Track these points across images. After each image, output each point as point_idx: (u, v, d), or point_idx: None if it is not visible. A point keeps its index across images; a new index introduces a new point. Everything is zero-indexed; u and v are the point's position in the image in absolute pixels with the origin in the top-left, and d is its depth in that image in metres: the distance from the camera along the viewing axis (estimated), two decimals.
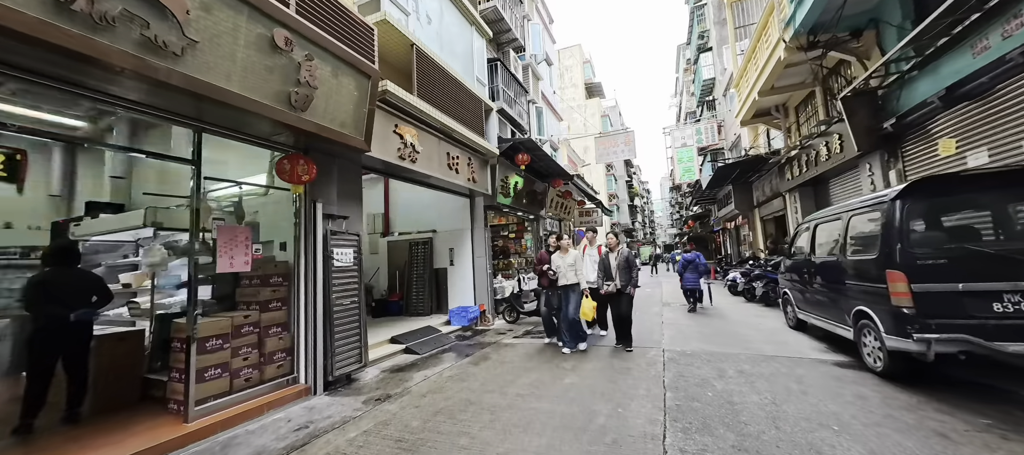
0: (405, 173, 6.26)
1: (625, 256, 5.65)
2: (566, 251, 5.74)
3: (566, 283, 5.60)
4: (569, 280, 5.59)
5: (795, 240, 6.35)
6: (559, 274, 5.63)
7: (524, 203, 11.24)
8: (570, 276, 5.59)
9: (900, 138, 6.43)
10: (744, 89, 11.33)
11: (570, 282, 5.58)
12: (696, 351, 5.31)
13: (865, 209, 4.29)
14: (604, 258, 5.79)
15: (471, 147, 7.85)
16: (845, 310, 4.56)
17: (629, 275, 5.55)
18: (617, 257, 5.67)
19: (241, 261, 3.91)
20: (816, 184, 10.18)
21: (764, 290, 9.21)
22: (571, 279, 5.59)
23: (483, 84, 9.01)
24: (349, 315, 4.81)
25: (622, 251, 5.68)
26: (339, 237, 4.80)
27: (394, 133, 5.67)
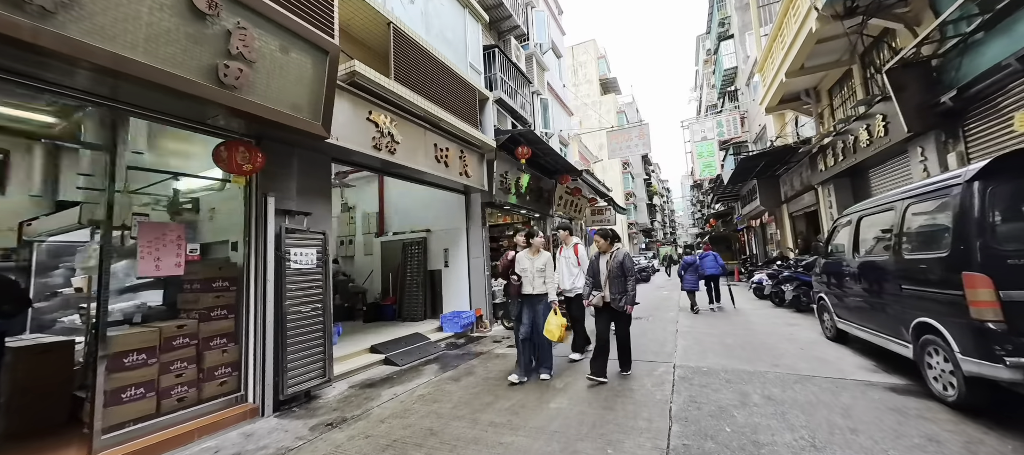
0: (382, 166, 5.69)
1: (619, 261, 4.21)
2: (537, 251, 4.57)
3: (532, 292, 4.46)
4: (536, 288, 4.45)
5: (833, 236, 5.44)
6: (523, 280, 4.47)
7: (529, 201, 10.56)
8: (538, 284, 4.45)
9: (961, 115, 5.42)
10: (769, 72, 10.30)
11: (537, 291, 4.46)
12: (714, 368, 4.50)
13: (928, 195, 3.41)
14: (594, 261, 4.46)
15: (463, 139, 7.23)
16: (901, 322, 3.68)
17: (624, 286, 4.12)
18: (609, 262, 4.29)
19: (170, 263, 3.39)
20: (853, 175, 9.07)
21: (795, 294, 8.22)
22: (539, 287, 4.45)
23: (478, 72, 8.38)
24: (310, 324, 4.25)
25: (616, 255, 4.26)
26: (298, 236, 4.25)
27: (368, 121, 5.10)
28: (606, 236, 4.47)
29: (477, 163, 7.84)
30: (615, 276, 4.20)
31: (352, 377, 4.96)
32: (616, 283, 4.18)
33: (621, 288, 4.14)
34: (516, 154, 8.67)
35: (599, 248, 4.48)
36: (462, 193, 8.18)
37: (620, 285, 4.16)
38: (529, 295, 4.49)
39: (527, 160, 9.44)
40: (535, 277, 4.48)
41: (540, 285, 4.47)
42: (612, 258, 4.29)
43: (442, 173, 6.68)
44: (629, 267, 4.21)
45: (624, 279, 4.17)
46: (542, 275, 4.49)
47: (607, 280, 4.23)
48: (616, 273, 4.20)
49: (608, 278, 4.23)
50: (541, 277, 4.49)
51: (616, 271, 4.20)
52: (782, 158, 11.88)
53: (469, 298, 7.94)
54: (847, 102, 8.98)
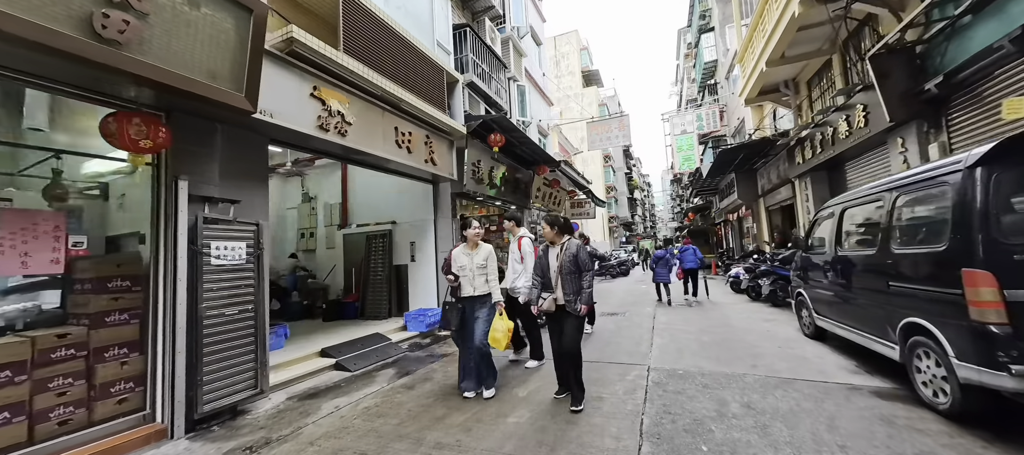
0: (333, 150, 5.10)
1: (572, 254, 3.41)
2: (475, 245, 3.86)
3: (473, 293, 3.76)
4: (477, 289, 3.76)
5: (813, 230, 5.19)
6: (462, 280, 3.77)
7: (505, 192, 10.09)
8: (479, 283, 3.78)
9: (944, 104, 5.23)
10: (749, 62, 10.09)
11: (479, 292, 3.77)
12: (690, 371, 4.18)
13: (922, 184, 3.12)
14: (541, 256, 3.61)
15: (430, 123, 6.68)
16: (888, 321, 3.41)
17: (578, 284, 3.35)
18: (561, 255, 3.46)
19: (45, 259, 2.78)
20: (830, 168, 8.98)
21: (772, 289, 8.07)
22: (481, 287, 3.78)
23: (447, 52, 7.82)
24: (236, 329, 3.69)
25: (568, 247, 3.45)
26: (221, 227, 3.67)
27: (313, 97, 4.51)
28: (554, 224, 3.58)
29: (446, 150, 7.30)
30: (568, 272, 3.38)
31: (294, 386, 4.42)
32: (569, 280, 3.38)
33: (575, 286, 3.37)
34: (489, 142, 8.17)
35: (547, 239, 3.63)
36: (430, 183, 7.63)
37: (574, 283, 3.37)
38: (469, 297, 3.79)
39: (500, 148, 8.97)
40: (475, 275, 3.79)
41: (482, 285, 3.79)
42: (564, 251, 3.45)
43: (404, 160, 6.12)
44: (585, 261, 3.40)
45: (579, 275, 3.38)
46: (483, 272, 3.80)
47: (558, 278, 3.43)
48: (569, 268, 3.39)
49: (559, 275, 3.42)
50: (482, 275, 3.80)
51: (569, 266, 3.39)
52: (760, 151, 11.78)
53: (437, 295, 7.44)
54: (826, 93, 8.84)
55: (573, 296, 3.35)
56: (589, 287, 3.37)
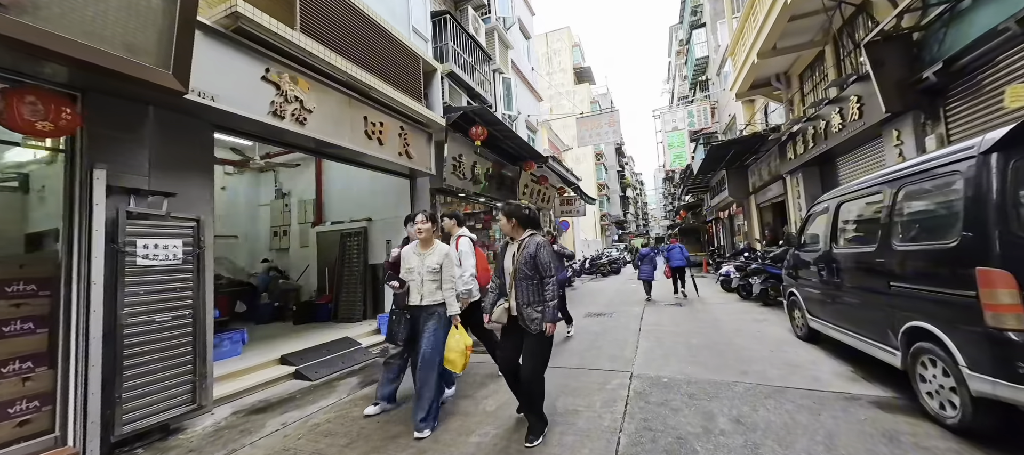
0: (289, 139, 4.69)
1: (531, 253, 2.72)
2: (429, 244, 3.20)
3: (420, 302, 3.13)
4: (426, 297, 3.11)
5: (806, 226, 4.91)
6: (410, 285, 3.16)
7: (490, 189, 9.73)
8: (430, 290, 3.12)
9: (942, 93, 4.98)
10: (740, 55, 9.84)
11: (429, 301, 3.12)
12: (675, 378, 3.86)
13: (929, 173, 2.82)
14: (499, 254, 3.01)
15: (404, 114, 6.28)
16: (888, 325, 3.11)
17: (539, 292, 2.69)
18: (519, 254, 2.77)
19: None
20: (822, 163, 8.75)
21: (763, 288, 7.82)
22: (431, 296, 3.11)
23: (425, 39, 7.43)
24: (169, 337, 3.29)
25: (527, 245, 2.77)
26: (152, 223, 3.26)
27: (265, 81, 4.10)
28: (512, 215, 2.87)
29: (423, 143, 6.91)
30: (524, 276, 2.69)
31: (245, 399, 4.03)
32: (525, 287, 2.68)
33: (534, 296, 2.67)
34: (470, 135, 7.79)
35: (504, 233, 2.95)
36: (407, 177, 7.23)
37: (532, 290, 2.68)
38: (417, 307, 3.13)
39: (484, 143, 8.61)
40: (425, 281, 3.12)
41: (432, 292, 3.12)
42: (522, 249, 2.76)
43: (376, 152, 5.73)
44: (545, 264, 2.68)
45: (540, 282, 2.68)
46: (436, 277, 3.13)
47: (514, 280, 2.75)
48: (525, 272, 2.69)
49: (513, 279, 2.74)
50: (434, 280, 3.13)
51: (525, 268, 2.69)
52: (751, 147, 11.55)
53: None
54: (819, 86, 8.60)
55: (529, 307, 2.68)
56: (554, 298, 2.66)
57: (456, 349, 2.97)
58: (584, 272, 18.82)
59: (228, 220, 8.69)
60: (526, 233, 2.87)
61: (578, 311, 8.40)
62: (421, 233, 3.20)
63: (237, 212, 8.88)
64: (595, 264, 19.52)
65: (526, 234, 2.87)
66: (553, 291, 2.69)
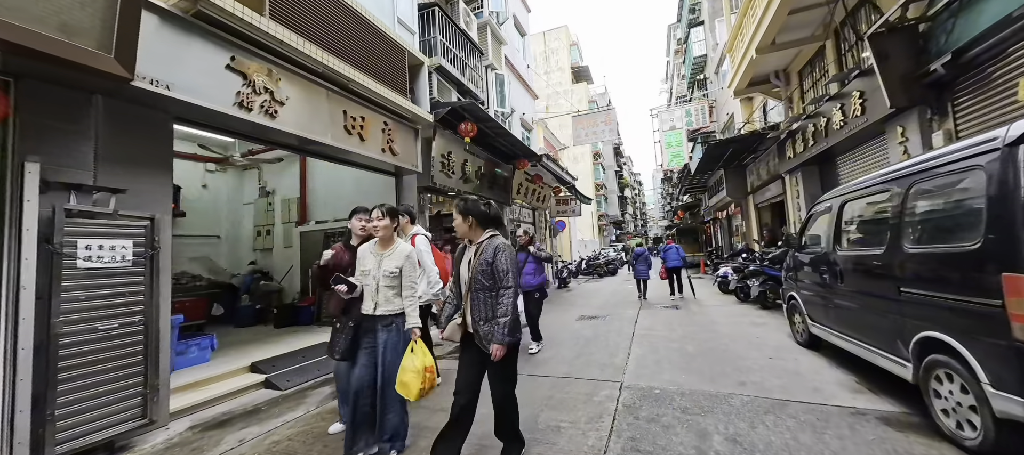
0: (259, 134, 4.42)
1: (488, 259, 2.28)
2: (388, 244, 2.73)
3: (373, 311, 2.64)
4: (381, 306, 2.63)
5: (808, 226, 4.66)
6: (364, 290, 2.70)
7: (483, 188, 9.47)
8: (386, 298, 2.63)
9: (950, 87, 4.74)
10: (739, 51, 9.60)
11: (384, 310, 2.63)
12: (668, 389, 3.60)
13: (945, 168, 2.56)
14: (455, 262, 2.55)
15: (387, 108, 6.01)
16: (898, 334, 2.86)
17: (491, 307, 2.25)
18: (476, 261, 2.31)
19: None
20: (822, 162, 8.53)
21: (761, 290, 7.57)
22: (386, 304, 2.63)
23: (411, 32, 7.16)
24: (117, 347, 3.01)
25: (485, 249, 2.32)
26: (96, 221, 2.98)
27: (230, 70, 3.82)
28: (468, 212, 2.39)
29: (409, 140, 6.64)
30: (479, 287, 2.26)
31: (206, 411, 3.75)
32: (481, 299, 2.25)
33: (488, 310, 2.24)
34: (459, 131, 7.54)
35: (460, 233, 2.44)
36: (393, 175, 6.96)
37: (489, 304, 2.24)
38: (370, 317, 2.66)
39: (475, 140, 8.36)
40: (381, 286, 2.63)
41: (390, 299, 2.64)
42: (479, 254, 2.30)
43: (356, 148, 5.45)
44: (503, 271, 2.23)
45: (495, 292, 2.25)
46: (394, 283, 2.64)
47: (470, 288, 2.30)
48: (482, 282, 2.25)
49: (469, 289, 2.31)
50: (392, 286, 2.64)
51: (482, 278, 2.25)
52: (750, 146, 11.32)
53: None
54: (819, 83, 8.37)
55: (487, 323, 2.23)
56: (507, 314, 2.18)
57: (412, 369, 2.36)
58: (581, 273, 18.59)
59: (210, 219, 8.40)
60: (485, 234, 2.38)
61: (571, 314, 8.16)
62: (378, 231, 2.72)
63: (219, 211, 8.59)
64: (592, 265, 19.29)
65: (485, 235, 2.38)
66: (507, 305, 2.20)
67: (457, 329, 2.38)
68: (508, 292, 2.23)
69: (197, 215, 8.05)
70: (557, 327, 6.78)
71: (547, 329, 6.64)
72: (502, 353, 2.17)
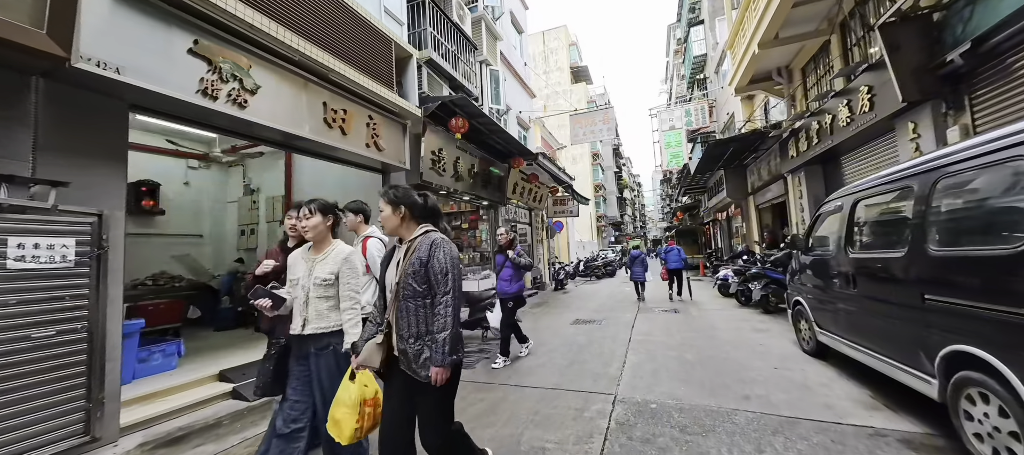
0: (226, 124, 4.12)
1: (422, 259, 1.81)
2: (323, 246, 2.28)
3: (306, 329, 2.17)
4: (310, 323, 2.17)
5: (815, 226, 4.37)
6: (293, 303, 2.24)
7: (476, 187, 9.19)
8: (317, 312, 2.18)
9: (968, 79, 4.46)
10: (740, 46, 9.33)
11: (314, 329, 2.17)
12: (665, 403, 3.30)
13: (977, 161, 2.27)
14: (381, 266, 2.05)
15: (372, 101, 5.72)
16: (921, 346, 2.58)
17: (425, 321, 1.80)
18: (406, 261, 1.83)
19: None
20: (826, 161, 8.25)
21: (763, 293, 7.28)
22: (317, 319, 2.17)
23: (399, 23, 6.88)
24: (53, 358, 2.71)
25: (418, 247, 1.83)
26: (29, 217, 2.68)
27: (192, 55, 3.53)
28: (398, 202, 1.92)
29: (396, 135, 6.35)
30: (410, 295, 1.79)
31: (163, 425, 3.44)
32: (413, 311, 1.79)
33: (420, 323, 1.79)
34: (449, 127, 7.25)
35: (387, 229, 1.97)
36: (379, 172, 6.67)
37: (421, 317, 1.79)
38: (299, 337, 2.19)
39: (468, 137, 8.07)
40: (313, 298, 2.17)
41: (323, 314, 2.16)
42: (411, 253, 1.84)
43: (337, 142, 5.16)
44: (440, 273, 1.79)
45: (430, 300, 1.80)
46: (329, 294, 2.18)
47: (395, 302, 1.85)
48: (412, 288, 1.79)
49: (396, 299, 1.83)
50: (327, 298, 2.18)
51: (413, 283, 1.79)
52: (751, 145, 11.04)
53: None
54: (823, 80, 8.09)
55: (418, 342, 1.77)
56: (446, 328, 1.73)
57: (346, 403, 1.84)
58: (578, 274, 18.29)
59: (192, 217, 8.10)
60: (419, 230, 1.91)
61: (566, 317, 7.87)
62: (306, 231, 2.24)
63: (202, 209, 8.29)
64: (590, 266, 19.00)
65: (419, 231, 1.91)
66: (447, 317, 1.74)
67: (376, 351, 1.83)
68: (448, 299, 1.77)
69: (179, 213, 7.75)
70: (550, 332, 6.48)
71: (539, 334, 6.36)
72: (444, 377, 1.72)
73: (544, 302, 10.54)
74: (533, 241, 15.14)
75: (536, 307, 9.58)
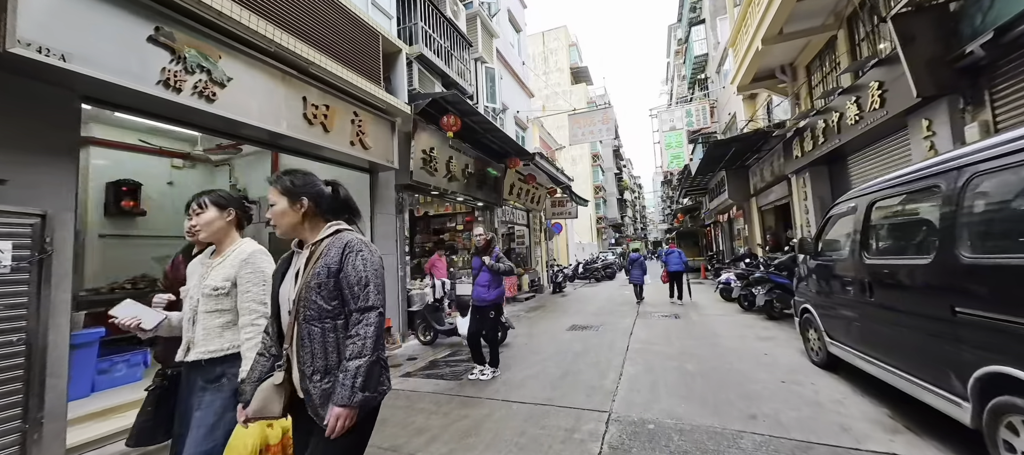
0: (193, 119, 3.85)
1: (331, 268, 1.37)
2: (223, 249, 1.87)
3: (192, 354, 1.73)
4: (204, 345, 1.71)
5: (825, 229, 4.09)
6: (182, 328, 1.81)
7: (471, 187, 8.92)
8: (206, 333, 1.72)
9: (989, 71, 4.18)
10: (742, 43, 9.06)
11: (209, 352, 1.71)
12: (664, 424, 3.02)
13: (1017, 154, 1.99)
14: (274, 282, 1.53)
15: (357, 97, 5.47)
16: (951, 365, 2.29)
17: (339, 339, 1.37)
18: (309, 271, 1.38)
19: None
20: (832, 162, 7.97)
21: (767, 298, 6.99)
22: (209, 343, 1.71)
23: (388, 16, 6.62)
24: None
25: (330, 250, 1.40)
26: None
27: (153, 43, 3.27)
28: (295, 193, 1.46)
29: (384, 133, 6.09)
30: (313, 316, 1.35)
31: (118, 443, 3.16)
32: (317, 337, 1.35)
33: (329, 355, 1.35)
34: (441, 125, 6.99)
35: (279, 228, 1.50)
36: (367, 171, 6.41)
37: (325, 343, 1.35)
38: (188, 367, 1.77)
39: (461, 136, 7.81)
40: (202, 314, 1.74)
41: (214, 334, 1.73)
42: (315, 259, 1.39)
43: (319, 140, 4.91)
44: (359, 281, 1.36)
45: (343, 320, 1.38)
46: (221, 308, 1.74)
47: (293, 326, 1.39)
48: (317, 306, 1.35)
49: (296, 319, 1.38)
50: (219, 312, 1.74)
51: (318, 299, 1.35)
52: (753, 145, 10.76)
53: None
54: (829, 77, 7.81)
55: (325, 379, 1.33)
56: (361, 356, 1.30)
57: (239, 448, 1.54)
58: (577, 277, 18.01)
59: (176, 218, 7.82)
60: (326, 229, 1.47)
61: (562, 323, 7.58)
62: (198, 231, 1.84)
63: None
64: (589, 269, 18.72)
65: (326, 231, 1.46)
66: (366, 339, 1.30)
67: (275, 395, 1.36)
68: (369, 317, 1.32)
69: (161, 214, 7.48)
70: (545, 339, 6.20)
71: (533, 341, 6.08)
72: (346, 421, 1.25)
73: (541, 306, 10.26)
74: (531, 243, 14.87)
75: (532, 311, 9.30)
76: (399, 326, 6.39)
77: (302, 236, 1.50)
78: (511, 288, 11.69)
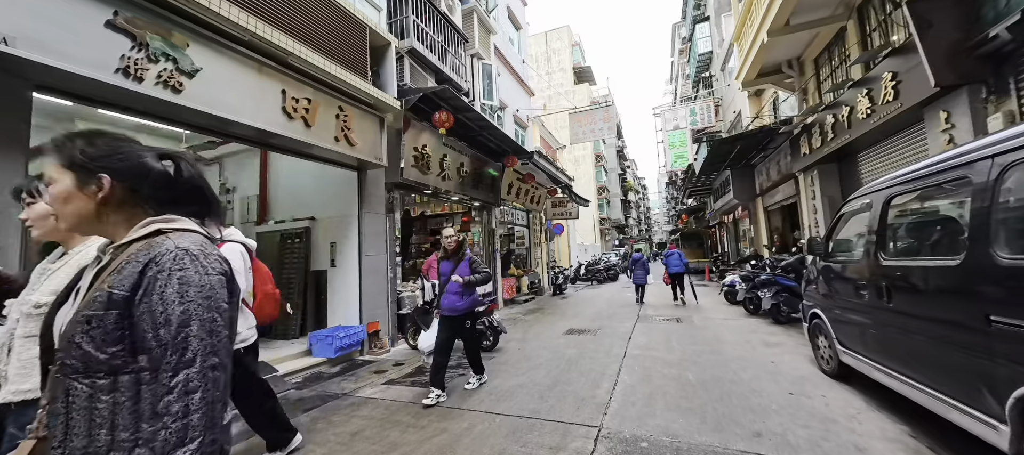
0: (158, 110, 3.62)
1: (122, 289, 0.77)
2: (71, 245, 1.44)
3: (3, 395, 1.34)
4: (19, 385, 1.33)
5: (837, 229, 3.80)
6: None
7: (467, 187, 8.69)
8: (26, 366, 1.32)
9: (1012, 58, 3.86)
10: (747, 37, 8.75)
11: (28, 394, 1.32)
12: (659, 442, 2.74)
13: None
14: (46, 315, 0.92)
15: (342, 91, 5.25)
16: (984, 381, 2.01)
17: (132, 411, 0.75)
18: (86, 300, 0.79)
19: None
20: (841, 159, 7.65)
21: (773, 302, 6.67)
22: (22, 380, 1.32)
23: (377, 8, 6.41)
24: None
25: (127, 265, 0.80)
26: None
27: (111, 29, 3.06)
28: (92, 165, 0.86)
29: (372, 129, 5.87)
30: (80, 369, 0.77)
31: None
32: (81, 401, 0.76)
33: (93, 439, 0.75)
34: (433, 122, 6.75)
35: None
36: (355, 169, 6.19)
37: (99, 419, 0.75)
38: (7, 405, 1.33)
39: (455, 133, 7.58)
40: (18, 340, 1.34)
41: (31, 370, 1.32)
42: (109, 272, 0.81)
43: (300, 135, 4.69)
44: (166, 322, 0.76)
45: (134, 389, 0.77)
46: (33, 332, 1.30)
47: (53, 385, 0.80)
48: (89, 358, 0.76)
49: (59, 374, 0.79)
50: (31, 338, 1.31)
51: (87, 346, 0.76)
52: (759, 143, 10.43)
53: (359, 308, 5.99)
54: (838, 70, 7.49)
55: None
56: (185, 444, 0.73)
57: None
58: (579, 279, 17.70)
59: None
60: (139, 229, 0.86)
61: (559, 326, 7.31)
62: (31, 224, 1.42)
63: None
64: (591, 270, 18.41)
65: (138, 231, 0.86)
66: (191, 415, 0.75)
67: None
68: (189, 375, 0.76)
69: None
70: (537, 344, 5.94)
71: (526, 345, 5.82)
72: None
73: (539, 308, 9.99)
74: (531, 244, 14.61)
75: (530, 314, 9.03)
76: (388, 330, 6.16)
77: (103, 235, 0.93)
78: (509, 290, 11.43)
